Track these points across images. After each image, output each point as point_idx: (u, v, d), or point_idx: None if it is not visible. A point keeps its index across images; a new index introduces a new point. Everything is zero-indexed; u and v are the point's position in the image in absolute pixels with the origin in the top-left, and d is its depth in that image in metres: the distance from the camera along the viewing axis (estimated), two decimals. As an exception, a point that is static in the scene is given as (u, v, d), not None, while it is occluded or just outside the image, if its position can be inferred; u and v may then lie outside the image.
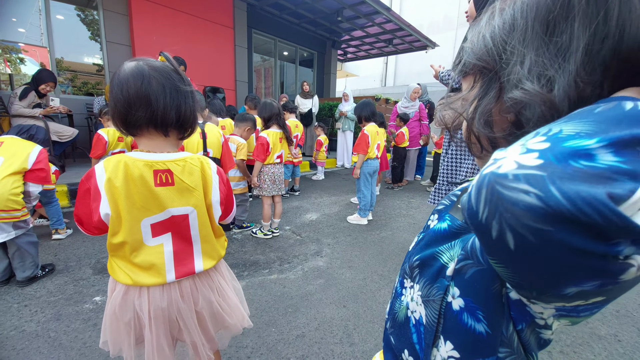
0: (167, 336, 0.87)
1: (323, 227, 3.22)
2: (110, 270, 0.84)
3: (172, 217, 0.84)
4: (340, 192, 4.70)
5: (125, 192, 0.77)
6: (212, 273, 0.96)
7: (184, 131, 0.88)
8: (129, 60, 0.81)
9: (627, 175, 0.20)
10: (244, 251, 2.58)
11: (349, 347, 1.52)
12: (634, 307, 1.94)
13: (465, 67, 0.41)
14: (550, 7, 0.30)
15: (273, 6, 7.12)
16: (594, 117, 0.23)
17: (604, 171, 0.20)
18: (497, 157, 0.24)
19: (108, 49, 5.16)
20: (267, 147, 2.68)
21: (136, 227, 0.80)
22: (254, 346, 1.50)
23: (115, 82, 0.78)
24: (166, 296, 0.85)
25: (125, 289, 0.83)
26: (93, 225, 0.79)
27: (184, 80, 0.84)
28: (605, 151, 0.21)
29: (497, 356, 0.38)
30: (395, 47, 9.40)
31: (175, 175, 0.84)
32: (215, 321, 0.95)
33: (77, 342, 1.48)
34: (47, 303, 1.77)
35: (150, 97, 0.77)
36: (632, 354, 1.54)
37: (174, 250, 0.85)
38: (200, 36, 6.09)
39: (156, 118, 0.79)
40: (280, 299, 1.91)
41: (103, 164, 0.78)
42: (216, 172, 0.94)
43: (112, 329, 0.85)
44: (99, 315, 1.68)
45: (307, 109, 6.32)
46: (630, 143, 0.21)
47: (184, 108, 0.83)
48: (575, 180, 0.20)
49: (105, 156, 2.83)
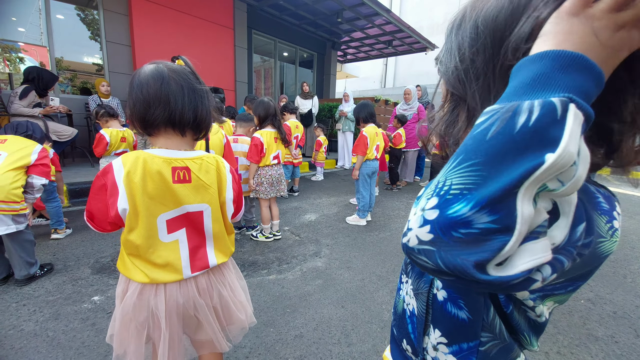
0: (180, 333, 0.88)
1: (322, 227, 3.23)
2: (124, 269, 0.84)
3: (187, 213, 0.86)
4: (340, 193, 4.71)
5: (142, 188, 0.78)
6: (223, 269, 0.99)
7: (200, 132, 0.90)
8: (148, 63, 0.83)
9: (499, 232, 0.26)
10: (242, 251, 2.58)
11: (347, 347, 1.53)
12: (631, 309, 1.95)
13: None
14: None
15: (273, 7, 7.14)
16: (482, 156, 0.28)
17: (478, 235, 0.26)
18: (409, 226, 0.31)
19: (108, 48, 5.16)
20: (262, 148, 2.58)
21: (152, 223, 0.81)
22: (252, 346, 1.50)
23: (136, 83, 0.80)
24: (183, 292, 0.86)
25: (140, 288, 0.83)
26: (108, 221, 0.79)
27: (200, 81, 0.87)
28: (480, 214, 0.26)
29: (479, 340, 0.43)
30: (394, 49, 9.43)
31: (193, 172, 0.86)
32: (226, 316, 0.97)
33: (76, 341, 1.48)
34: (45, 302, 1.77)
35: (170, 97, 0.80)
36: (629, 355, 1.55)
37: (189, 246, 0.87)
38: (200, 36, 6.10)
39: (174, 118, 0.81)
40: (278, 299, 1.91)
41: (121, 160, 0.79)
42: (229, 170, 0.97)
43: (123, 329, 0.84)
44: (98, 315, 1.68)
45: (307, 110, 6.32)
46: (505, 196, 0.26)
47: (200, 108, 0.86)
48: (455, 250, 0.27)
49: (107, 156, 2.83)
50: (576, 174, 0.26)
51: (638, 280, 2.34)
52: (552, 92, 0.27)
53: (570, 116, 0.26)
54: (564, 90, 0.26)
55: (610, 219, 0.35)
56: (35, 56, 4.97)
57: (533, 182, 0.26)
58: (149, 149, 0.84)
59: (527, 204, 0.27)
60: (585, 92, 0.27)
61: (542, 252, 0.28)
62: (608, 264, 2.56)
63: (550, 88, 0.27)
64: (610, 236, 0.35)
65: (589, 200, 0.35)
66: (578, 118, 0.26)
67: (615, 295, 2.10)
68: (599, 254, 0.35)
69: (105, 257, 2.34)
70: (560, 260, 0.30)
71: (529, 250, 0.28)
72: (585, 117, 0.26)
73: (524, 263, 0.27)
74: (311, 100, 6.35)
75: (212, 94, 0.99)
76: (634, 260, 2.70)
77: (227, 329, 0.98)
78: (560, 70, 0.27)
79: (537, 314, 0.40)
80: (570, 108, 0.26)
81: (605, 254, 0.35)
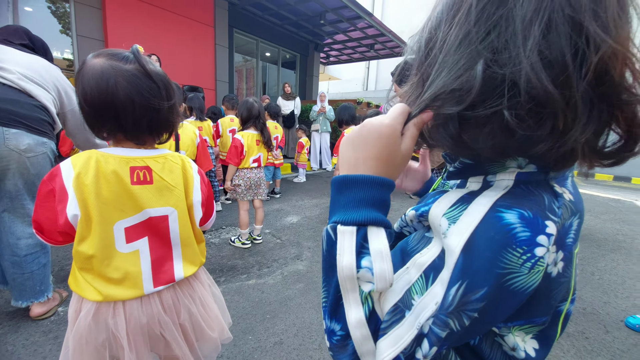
0: (148, 352, 0.79)
1: (304, 230, 3.19)
2: (74, 285, 0.74)
3: (149, 218, 0.78)
4: (322, 195, 4.69)
5: (95, 191, 0.70)
6: (192, 281, 0.90)
7: (160, 137, 0.82)
8: (94, 56, 0.71)
9: (348, 337, 0.33)
10: (221, 256, 2.51)
11: (328, 352, 1.50)
12: (600, 305, 2.04)
13: None
14: None
15: (255, 6, 7.04)
16: (324, 273, 0.36)
17: (341, 341, 0.34)
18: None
19: (79, 43, 4.90)
20: (242, 150, 2.50)
21: (108, 232, 0.72)
22: (230, 355, 1.45)
23: (80, 89, 0.70)
24: (146, 310, 0.77)
25: (95, 308, 0.73)
26: (58, 231, 0.71)
27: (157, 85, 0.74)
28: (334, 324, 0.35)
29: None
30: (376, 52, 9.55)
31: (155, 172, 0.78)
32: (196, 333, 0.89)
33: (37, 356, 1.37)
34: (4, 314, 1.64)
35: (118, 110, 0.69)
36: (599, 350, 1.61)
37: (151, 257, 0.78)
38: (178, 33, 5.91)
39: (125, 129, 0.74)
40: (258, 305, 1.86)
41: (71, 161, 0.71)
42: (197, 171, 0.90)
43: (78, 355, 0.73)
44: (61, 327, 1.56)
45: (289, 111, 6.28)
46: (335, 307, 0.35)
47: (156, 118, 0.75)
48: (338, 354, 0.35)
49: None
50: (374, 274, 0.31)
51: (605, 277, 2.46)
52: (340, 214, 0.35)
53: (339, 235, 0.33)
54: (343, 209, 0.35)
55: (529, 249, 0.28)
56: (0, 49, 4.65)
57: (345, 292, 0.32)
58: (105, 148, 0.76)
59: (355, 309, 0.32)
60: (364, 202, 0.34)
61: (406, 333, 0.31)
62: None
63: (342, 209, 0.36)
64: (528, 269, 0.28)
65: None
66: (347, 234, 0.33)
67: (583, 292, 2.19)
68: (517, 291, 0.29)
69: (70, 265, 2.20)
70: (435, 332, 0.30)
71: (392, 336, 0.31)
72: (361, 226, 0.33)
73: (388, 352, 0.31)
74: (293, 101, 6.32)
75: (184, 93, 0.91)
76: (600, 258, 2.84)
77: (198, 346, 0.89)
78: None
79: (510, 346, 0.33)
80: (339, 229, 0.33)
81: (523, 289, 0.29)
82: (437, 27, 0.34)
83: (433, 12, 0.37)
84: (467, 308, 0.29)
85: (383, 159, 0.35)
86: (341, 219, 0.33)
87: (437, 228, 0.35)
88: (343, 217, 0.33)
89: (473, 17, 0.29)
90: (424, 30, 0.38)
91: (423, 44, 0.37)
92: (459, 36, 0.30)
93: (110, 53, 0.72)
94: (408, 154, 0.36)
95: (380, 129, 0.35)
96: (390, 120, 0.35)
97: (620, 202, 5.34)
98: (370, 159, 0.35)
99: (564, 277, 0.33)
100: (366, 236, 0.33)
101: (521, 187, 0.33)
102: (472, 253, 0.29)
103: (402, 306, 0.33)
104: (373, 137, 0.35)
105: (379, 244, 0.32)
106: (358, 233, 0.32)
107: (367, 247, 0.32)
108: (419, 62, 0.37)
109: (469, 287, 0.29)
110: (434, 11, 0.37)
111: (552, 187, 0.34)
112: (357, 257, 0.32)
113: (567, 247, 0.32)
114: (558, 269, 0.32)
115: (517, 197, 0.32)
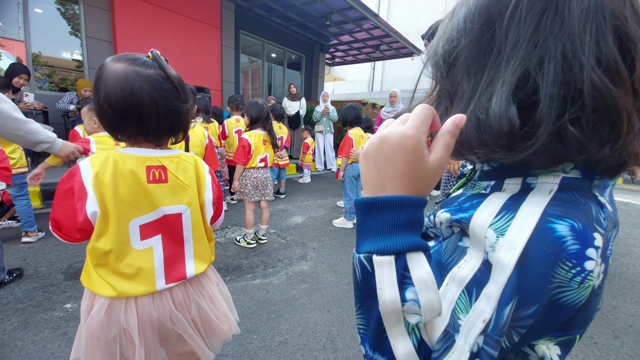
0: (157, 348, 0.82)
1: (308, 230, 3.20)
2: (87, 282, 0.76)
3: (164, 216, 0.80)
4: (327, 196, 4.69)
5: (113, 189, 0.72)
6: (202, 279, 0.92)
7: (177, 138, 0.86)
8: (114, 59, 0.73)
9: None
10: (226, 255, 2.52)
11: (332, 353, 1.50)
12: (609, 310, 2.00)
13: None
14: None
15: (261, 8, 7.08)
16: (358, 301, 0.33)
17: None
18: None
19: (88, 44, 4.99)
20: (249, 150, 2.54)
21: (123, 228, 0.74)
22: (235, 354, 1.45)
23: (102, 91, 0.71)
24: (157, 306, 0.79)
25: (108, 304, 0.74)
26: (76, 228, 0.72)
27: (177, 88, 0.78)
28: (377, 355, 0.32)
29: None
30: (382, 53, 9.53)
31: (170, 171, 0.81)
32: (206, 329, 0.91)
33: (45, 352, 1.40)
34: (14, 310, 1.67)
35: (142, 114, 0.73)
36: (607, 355, 1.58)
37: (164, 254, 0.80)
38: (185, 34, 5.98)
39: (147, 132, 0.76)
40: (263, 304, 1.87)
41: (89, 160, 0.73)
42: (208, 171, 0.92)
43: (90, 350, 0.76)
44: (69, 323, 1.59)
45: (295, 112, 6.30)
46: (379, 339, 0.32)
47: (178, 121, 0.80)
48: None
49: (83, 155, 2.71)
50: (421, 307, 0.29)
51: (614, 281, 2.42)
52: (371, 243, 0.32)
53: (377, 267, 0.30)
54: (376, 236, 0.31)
55: (578, 262, 0.28)
56: (12, 51, 4.75)
57: (389, 325, 0.30)
58: (122, 147, 0.78)
59: (402, 342, 0.30)
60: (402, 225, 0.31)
61: (459, 358, 0.30)
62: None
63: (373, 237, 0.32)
64: (578, 284, 0.28)
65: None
66: (385, 265, 0.29)
67: (593, 297, 2.16)
68: (565, 306, 0.29)
69: (80, 262, 2.23)
70: (489, 352, 0.29)
71: None
72: (400, 254, 0.30)
73: None
74: (299, 102, 6.33)
75: (195, 95, 0.94)
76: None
77: (208, 341, 0.92)
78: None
79: (539, 355, 0.33)
80: (375, 260, 0.30)
81: (573, 304, 0.29)
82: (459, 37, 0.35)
83: (452, 19, 0.37)
84: (518, 325, 0.28)
85: (410, 175, 0.31)
86: (376, 249, 0.30)
87: (480, 239, 0.33)
88: (378, 246, 0.30)
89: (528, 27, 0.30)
90: (441, 40, 0.38)
91: (445, 48, 0.37)
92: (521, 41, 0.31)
93: (131, 58, 0.74)
94: (441, 165, 0.32)
95: (403, 141, 0.31)
96: (413, 130, 0.31)
97: (630, 205, 5.26)
98: (397, 179, 0.31)
99: (600, 289, 0.32)
100: (406, 265, 0.30)
101: (567, 193, 0.32)
102: (524, 268, 0.28)
103: (451, 331, 0.32)
104: (396, 153, 0.31)
105: (422, 272, 0.29)
106: (397, 262, 0.29)
107: (409, 276, 0.29)
108: (443, 71, 0.38)
109: (521, 304, 0.28)
110: (453, 19, 0.36)
111: (595, 196, 0.33)
112: (400, 290, 0.29)
113: (607, 259, 0.31)
114: (599, 281, 0.31)
115: (565, 205, 0.31)
